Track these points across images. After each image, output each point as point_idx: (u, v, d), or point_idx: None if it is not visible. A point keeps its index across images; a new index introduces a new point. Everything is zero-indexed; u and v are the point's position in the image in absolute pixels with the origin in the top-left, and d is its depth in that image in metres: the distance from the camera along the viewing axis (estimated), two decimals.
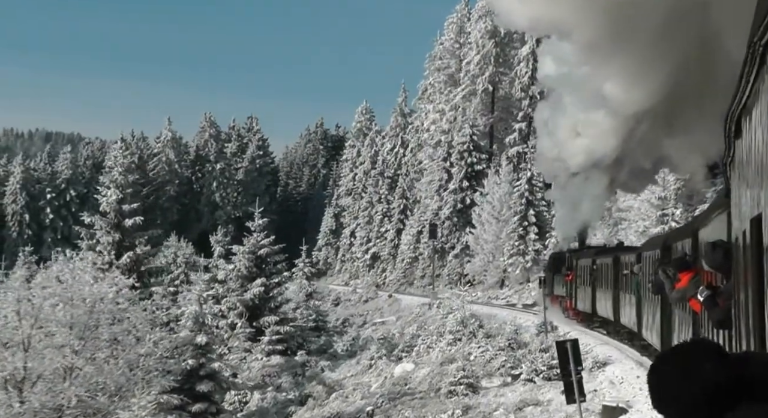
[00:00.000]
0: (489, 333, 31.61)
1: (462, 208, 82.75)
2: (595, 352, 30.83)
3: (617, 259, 31.03)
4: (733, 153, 7.81)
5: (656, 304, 21.05)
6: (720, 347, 2.58)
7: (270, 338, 42.70)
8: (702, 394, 2.43)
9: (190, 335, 29.35)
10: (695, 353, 2.52)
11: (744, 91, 6.29)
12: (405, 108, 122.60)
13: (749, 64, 5.78)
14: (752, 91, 5.92)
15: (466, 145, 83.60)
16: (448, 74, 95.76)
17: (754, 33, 5.34)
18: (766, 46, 5.12)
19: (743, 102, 6.45)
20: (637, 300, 25.36)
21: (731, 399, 2.42)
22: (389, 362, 34.73)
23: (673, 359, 2.55)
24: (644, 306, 23.98)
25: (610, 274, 31.53)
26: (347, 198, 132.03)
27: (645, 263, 23.58)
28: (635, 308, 25.67)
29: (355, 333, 54.84)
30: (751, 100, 6.04)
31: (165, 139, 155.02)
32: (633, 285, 25.82)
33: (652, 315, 22.18)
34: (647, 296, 22.83)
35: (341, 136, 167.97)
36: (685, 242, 16.58)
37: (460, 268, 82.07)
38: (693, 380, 2.45)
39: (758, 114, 5.65)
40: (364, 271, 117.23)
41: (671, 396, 2.49)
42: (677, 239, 18.59)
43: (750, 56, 5.67)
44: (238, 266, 44.85)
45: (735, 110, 7.02)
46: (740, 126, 6.92)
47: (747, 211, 6.67)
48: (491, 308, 59.43)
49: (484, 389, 25.90)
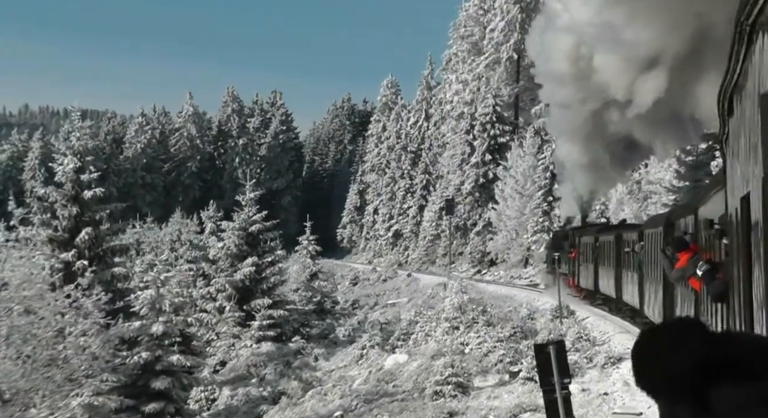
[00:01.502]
0: (490, 321, 27.41)
1: (484, 182, 78.42)
2: (612, 343, 26.76)
3: (619, 236, 30.99)
4: (727, 131, 7.92)
5: (658, 281, 21.12)
6: (705, 325, 2.51)
7: (260, 322, 38.88)
8: (686, 370, 2.38)
9: (146, 324, 25.61)
10: (680, 330, 2.47)
11: (735, 70, 6.40)
12: (431, 81, 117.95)
13: (737, 43, 5.91)
14: (742, 70, 6.05)
15: (489, 117, 79.12)
16: (472, 42, 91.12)
17: (741, 12, 5.42)
18: (753, 26, 5.23)
19: (734, 81, 6.58)
20: (639, 278, 25.45)
21: (715, 377, 2.35)
22: (382, 352, 30.84)
23: (658, 335, 2.49)
24: (646, 284, 24.09)
25: (613, 251, 31.53)
26: (372, 174, 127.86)
27: (647, 241, 23.55)
28: (637, 285, 25.81)
29: (363, 316, 51.05)
30: (742, 78, 6.17)
31: (186, 114, 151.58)
32: (635, 262, 25.87)
33: (654, 293, 22.32)
34: (649, 273, 23.07)
35: (368, 111, 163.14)
36: (688, 219, 16.55)
37: (482, 246, 77.87)
38: (677, 356, 2.42)
39: (747, 93, 5.78)
40: (387, 249, 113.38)
41: (654, 372, 2.44)
42: (680, 216, 18.65)
43: (738, 36, 5.80)
44: (228, 244, 40.94)
45: (727, 88, 7.10)
46: (732, 104, 7.06)
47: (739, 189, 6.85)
48: (510, 289, 55.41)
49: (476, 389, 21.89)
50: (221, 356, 38.96)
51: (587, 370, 22.20)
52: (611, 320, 32.93)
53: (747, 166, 5.90)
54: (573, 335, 27.01)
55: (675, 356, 2.41)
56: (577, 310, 36.31)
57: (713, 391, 2.31)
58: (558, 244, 45.28)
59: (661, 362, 2.42)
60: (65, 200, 29.75)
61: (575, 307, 37.10)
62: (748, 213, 6.12)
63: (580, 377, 21.76)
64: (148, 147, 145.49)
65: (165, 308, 26.03)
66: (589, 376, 21.85)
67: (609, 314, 34.60)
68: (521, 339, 26.97)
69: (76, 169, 29.97)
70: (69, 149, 29.77)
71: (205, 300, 41.48)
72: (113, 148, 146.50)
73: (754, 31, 5.17)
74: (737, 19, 5.56)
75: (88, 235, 29.57)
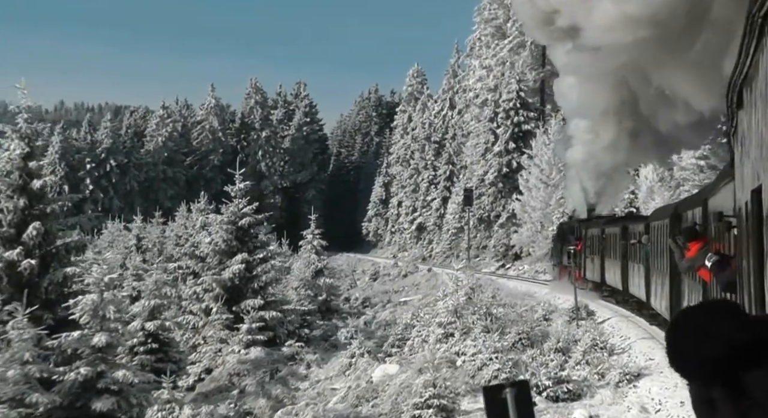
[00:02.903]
0: (489, 327, 23.43)
1: (508, 172, 74.31)
2: (633, 352, 22.87)
3: (626, 228, 30.93)
4: (736, 123, 8.02)
5: (665, 273, 21.08)
6: (739, 307, 2.56)
7: (250, 325, 35.18)
8: (721, 353, 2.41)
9: (87, 335, 21.99)
10: (715, 312, 2.50)
11: (744, 63, 6.42)
12: (458, 69, 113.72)
13: (749, 35, 5.91)
14: (752, 63, 6.05)
15: (513, 103, 74.93)
16: (496, 26, 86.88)
17: (753, 4, 5.47)
18: (764, 18, 5.22)
19: (744, 73, 6.61)
20: (645, 269, 25.44)
21: (749, 360, 2.39)
22: (373, 360, 27.02)
23: (693, 317, 2.53)
24: (653, 275, 23.99)
25: (619, 243, 31.53)
26: (397, 166, 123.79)
27: (653, 233, 23.52)
28: (644, 277, 25.81)
29: (372, 316, 47.38)
30: (752, 71, 6.16)
31: (208, 106, 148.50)
32: (642, 254, 25.74)
33: (661, 285, 22.18)
34: (656, 265, 22.94)
35: (395, 102, 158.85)
36: (696, 211, 16.51)
37: (506, 239, 73.80)
38: (712, 338, 2.43)
39: (758, 86, 5.78)
40: (412, 243, 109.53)
41: (689, 354, 2.47)
42: (688, 207, 18.53)
43: (749, 28, 5.80)
44: (215, 239, 37.24)
45: (737, 81, 7.15)
46: (742, 97, 7.07)
47: (748, 182, 6.89)
48: (531, 286, 51.46)
49: (462, 413, 18.05)
50: (207, 362, 35.40)
51: (597, 389, 18.34)
52: (635, 322, 28.99)
53: (758, 160, 5.85)
54: (587, 342, 23.20)
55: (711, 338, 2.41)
56: (598, 310, 32.42)
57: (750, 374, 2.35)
58: (563, 236, 45.04)
59: (696, 344, 2.44)
60: (11, 191, 26.24)
61: (596, 307, 33.21)
62: (759, 206, 6.11)
63: (588, 400, 17.91)
64: (170, 140, 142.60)
65: (109, 316, 22.38)
66: (599, 397, 17.98)
67: (634, 314, 30.94)
68: (526, 347, 23.16)
69: (24, 155, 26.44)
70: (15, 133, 26.20)
71: (191, 301, 37.93)
72: (134, 142, 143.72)
73: (765, 24, 5.13)
74: (749, 12, 5.52)
75: (37, 230, 26.01)
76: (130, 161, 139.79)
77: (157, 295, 32.16)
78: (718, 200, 12.65)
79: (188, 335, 37.13)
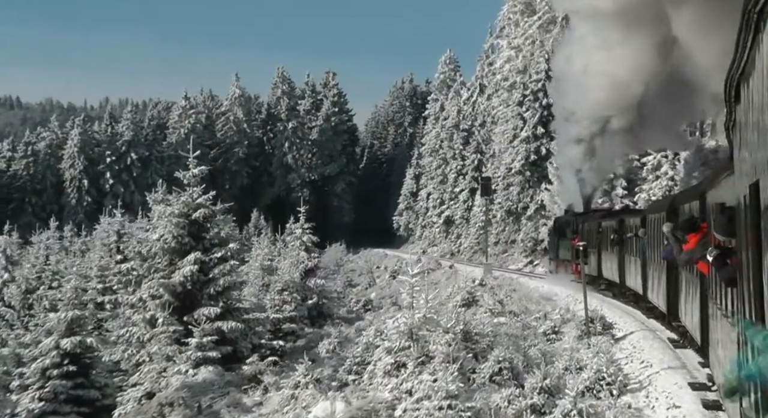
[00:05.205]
0: (451, 354, 16.83)
1: (536, 160, 67.54)
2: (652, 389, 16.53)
3: (622, 222, 31.34)
4: (734, 118, 7.99)
5: (662, 267, 20.90)
6: None
7: (200, 340, 29.05)
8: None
9: None
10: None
11: (741, 58, 6.48)
12: (490, 53, 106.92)
13: (744, 31, 6.00)
14: (749, 58, 6.14)
15: (542, 84, 68.13)
16: (525, 2, 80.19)
17: (748, 1, 5.51)
18: (760, 14, 5.31)
19: (741, 68, 6.65)
20: (642, 263, 25.52)
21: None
22: (317, 393, 20.66)
23: None
24: (650, 269, 24.05)
25: (616, 237, 31.72)
26: (428, 157, 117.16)
27: (650, 227, 23.58)
28: (641, 270, 25.99)
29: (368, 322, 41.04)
30: (749, 66, 6.23)
31: (233, 97, 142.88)
32: (639, 248, 25.86)
33: (658, 278, 22.25)
34: (653, 258, 22.94)
35: (430, 91, 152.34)
36: (693, 205, 16.59)
37: (534, 232, 67.11)
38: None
39: (755, 81, 5.89)
40: (441, 237, 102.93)
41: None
42: (684, 201, 18.73)
43: (745, 24, 5.90)
44: (165, 235, 31.12)
45: (734, 76, 7.16)
46: (739, 91, 7.11)
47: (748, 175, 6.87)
48: (553, 286, 44.78)
49: None
50: (149, 385, 29.37)
51: None
52: (662, 340, 22.46)
53: (756, 153, 6.03)
54: (590, 373, 16.90)
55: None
56: (618, 321, 25.88)
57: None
58: (560, 230, 45.05)
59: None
60: None
61: (614, 316, 26.70)
62: (757, 199, 6.19)
63: None
64: (193, 132, 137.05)
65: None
66: None
67: (661, 324, 24.62)
68: (507, 381, 16.82)
69: None
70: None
71: (137, 309, 31.91)
72: (156, 134, 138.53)
73: (761, 19, 5.25)
74: (744, 8, 5.61)
75: None
76: (152, 154, 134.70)
77: (76, 305, 26.17)
78: (716, 193, 12.52)
79: (131, 351, 31.12)
